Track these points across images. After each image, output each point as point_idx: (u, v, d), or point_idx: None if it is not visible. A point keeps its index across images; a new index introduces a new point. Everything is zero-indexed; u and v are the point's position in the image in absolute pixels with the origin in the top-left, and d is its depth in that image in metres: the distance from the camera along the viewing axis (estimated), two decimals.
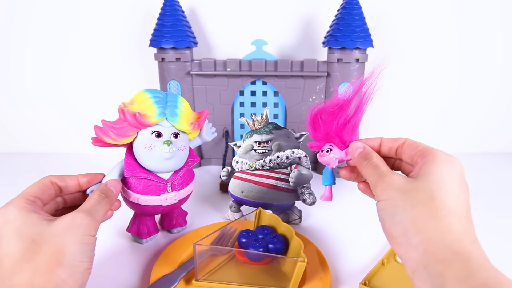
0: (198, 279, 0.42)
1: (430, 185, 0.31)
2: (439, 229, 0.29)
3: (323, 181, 0.43)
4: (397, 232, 0.31)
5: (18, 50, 0.84)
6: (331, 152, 0.41)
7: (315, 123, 0.43)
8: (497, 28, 0.80)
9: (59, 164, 0.83)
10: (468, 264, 0.27)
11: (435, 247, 0.28)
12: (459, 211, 0.30)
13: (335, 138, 0.41)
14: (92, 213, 0.38)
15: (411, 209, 0.30)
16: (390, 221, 0.32)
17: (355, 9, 0.67)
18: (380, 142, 0.39)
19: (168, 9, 0.70)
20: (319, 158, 0.42)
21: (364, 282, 0.42)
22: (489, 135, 0.89)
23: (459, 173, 0.32)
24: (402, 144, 0.37)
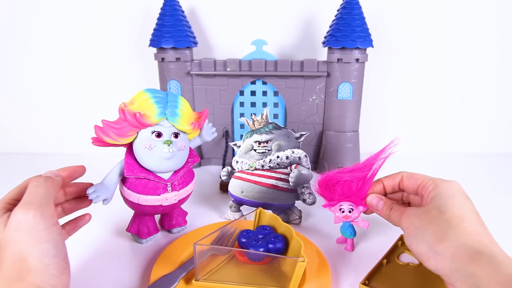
0: (198, 279, 0.42)
1: (437, 203, 0.37)
2: (457, 235, 0.33)
3: (346, 235, 0.50)
4: (424, 249, 0.35)
5: (18, 50, 0.84)
6: (354, 211, 0.47)
7: (332, 188, 0.47)
8: (498, 27, 0.80)
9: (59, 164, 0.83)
10: (494, 261, 0.30)
11: (460, 251, 0.32)
12: (469, 217, 0.35)
13: (353, 197, 0.46)
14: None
15: (428, 226, 0.35)
16: (415, 241, 0.36)
17: (355, 9, 0.67)
18: (382, 184, 0.46)
19: (168, 9, 0.70)
20: (341, 219, 0.48)
21: (364, 282, 0.42)
22: (489, 135, 0.89)
23: (459, 189, 0.38)
24: (401, 180, 0.44)
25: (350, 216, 0.47)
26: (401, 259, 0.47)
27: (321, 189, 0.48)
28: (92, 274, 0.45)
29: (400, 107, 0.87)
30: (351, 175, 0.46)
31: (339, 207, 0.48)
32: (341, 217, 0.48)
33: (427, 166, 0.80)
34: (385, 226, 0.56)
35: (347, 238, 0.51)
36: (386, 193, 0.46)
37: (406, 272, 0.45)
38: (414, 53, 0.82)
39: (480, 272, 0.30)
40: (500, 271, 0.29)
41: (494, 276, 0.29)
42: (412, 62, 0.83)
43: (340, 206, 0.47)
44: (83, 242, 0.52)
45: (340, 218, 0.48)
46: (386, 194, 0.46)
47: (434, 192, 0.38)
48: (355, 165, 0.47)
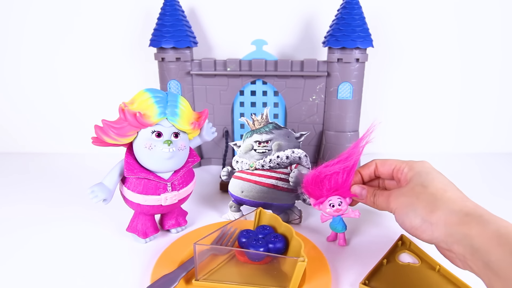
0: (198, 278, 0.42)
1: (418, 180, 0.40)
2: (445, 204, 0.36)
3: (338, 230, 0.50)
4: (418, 223, 0.37)
5: (18, 51, 0.84)
6: (343, 204, 0.48)
7: (320, 184, 0.48)
8: (498, 26, 0.80)
9: (59, 164, 0.83)
10: (481, 220, 0.33)
11: (451, 217, 0.35)
12: (450, 187, 0.38)
13: (341, 190, 0.47)
14: None
15: (417, 202, 0.38)
16: (408, 218, 0.38)
17: (355, 9, 0.67)
18: (360, 174, 0.48)
19: (168, 9, 0.70)
20: (332, 213, 0.48)
21: (364, 282, 0.42)
22: (489, 135, 0.89)
23: (431, 166, 0.42)
24: (376, 167, 0.47)
25: (341, 209, 0.48)
26: (401, 259, 0.47)
27: (309, 188, 0.48)
28: (92, 274, 0.45)
29: (400, 107, 0.87)
30: (336, 167, 0.46)
31: (328, 202, 0.48)
32: (332, 211, 0.48)
33: None
34: (380, 223, 0.56)
35: (338, 233, 0.51)
36: (364, 182, 0.49)
37: (406, 272, 0.45)
38: (414, 53, 0.82)
39: (471, 232, 0.33)
40: (488, 228, 0.32)
41: (484, 233, 0.32)
42: (412, 62, 0.83)
43: (329, 201, 0.48)
44: (83, 242, 0.52)
45: (331, 213, 0.48)
46: (364, 183, 0.49)
47: (411, 172, 0.42)
48: (339, 157, 0.48)
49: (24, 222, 0.57)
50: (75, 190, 0.68)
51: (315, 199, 0.49)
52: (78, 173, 0.77)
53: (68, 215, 0.59)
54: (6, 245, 0.51)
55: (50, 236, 0.53)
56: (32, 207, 0.62)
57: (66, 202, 0.64)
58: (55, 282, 0.44)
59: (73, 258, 0.48)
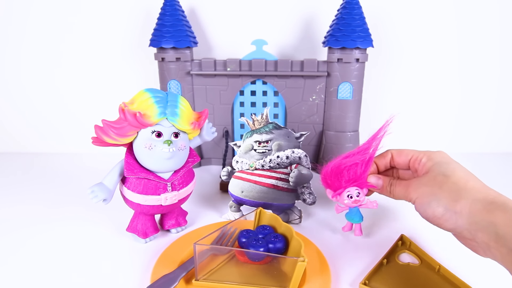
0: (198, 278, 0.42)
1: (439, 170, 0.40)
2: (469, 193, 0.37)
3: (355, 220, 0.51)
4: (441, 212, 0.38)
5: (18, 51, 0.84)
6: (361, 195, 0.48)
7: (339, 175, 0.48)
8: (498, 26, 0.80)
9: (59, 164, 0.83)
10: (506, 207, 0.34)
11: (476, 205, 0.35)
12: (471, 177, 0.39)
13: (359, 181, 0.47)
14: None
15: (439, 191, 0.38)
16: (430, 208, 0.38)
17: (355, 9, 0.67)
18: (375, 164, 0.48)
19: (168, 9, 0.70)
20: (351, 204, 0.49)
21: (364, 282, 0.42)
22: (489, 135, 0.89)
23: (449, 157, 0.42)
24: (391, 157, 0.47)
25: (359, 200, 0.48)
26: (401, 259, 0.47)
27: (329, 179, 0.49)
28: (92, 274, 0.45)
29: (400, 107, 0.87)
30: (355, 158, 0.47)
31: (346, 194, 0.48)
32: (350, 202, 0.48)
33: None
34: (380, 223, 0.56)
35: (354, 224, 0.51)
36: (379, 172, 0.49)
37: (406, 272, 0.45)
38: (414, 53, 0.82)
39: (496, 219, 0.33)
40: None
41: (509, 220, 0.33)
42: (412, 62, 0.83)
43: (347, 192, 0.48)
44: (83, 242, 0.52)
45: (350, 204, 0.49)
46: (379, 173, 0.49)
47: (430, 162, 0.42)
48: (356, 148, 0.48)
49: (24, 222, 0.57)
50: (75, 190, 0.68)
51: (333, 190, 0.49)
52: (78, 173, 0.77)
53: (68, 215, 0.59)
54: (6, 245, 0.51)
55: (50, 236, 0.53)
56: (32, 207, 0.62)
57: (66, 202, 0.64)
58: (55, 282, 0.44)
59: (73, 258, 0.48)
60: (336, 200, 0.49)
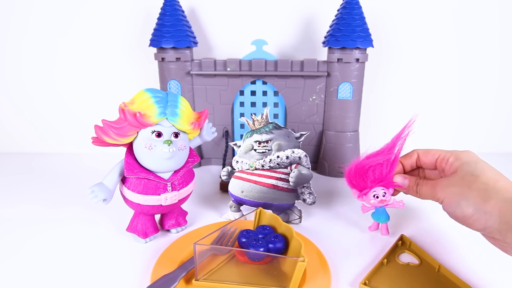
0: (198, 278, 0.42)
1: (468, 170, 0.40)
2: (499, 193, 0.36)
3: (381, 220, 0.51)
4: (470, 212, 0.37)
5: (17, 50, 0.84)
6: (387, 195, 0.48)
7: (364, 176, 0.48)
8: (498, 25, 0.80)
9: (59, 164, 0.83)
10: None
11: (506, 205, 0.35)
12: (500, 176, 0.39)
13: (385, 180, 0.47)
14: None
15: (469, 191, 0.38)
16: (459, 208, 0.38)
17: (355, 9, 0.67)
18: (401, 164, 0.48)
19: (168, 9, 0.70)
20: (377, 204, 0.49)
21: (364, 282, 0.42)
22: (489, 135, 0.89)
23: (477, 156, 0.42)
24: (417, 157, 0.47)
25: (385, 200, 0.48)
26: (401, 259, 0.47)
27: (353, 180, 0.49)
28: (92, 274, 0.45)
29: (400, 107, 0.87)
30: (380, 158, 0.47)
31: (372, 193, 0.48)
32: (376, 202, 0.48)
33: None
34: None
35: (381, 223, 0.52)
36: (405, 172, 0.49)
37: (406, 272, 0.45)
38: (414, 53, 0.82)
39: None
40: None
41: None
42: (412, 62, 0.83)
43: (373, 192, 0.48)
44: (83, 242, 0.52)
45: (376, 204, 0.49)
46: (405, 173, 0.49)
47: (457, 162, 0.42)
48: (380, 148, 0.48)
49: (24, 222, 0.57)
50: (75, 190, 0.68)
51: (358, 191, 0.49)
52: (78, 173, 0.77)
53: (68, 215, 0.59)
54: (6, 245, 0.51)
55: (50, 236, 0.53)
56: (32, 207, 0.62)
57: (66, 202, 0.64)
58: (55, 282, 0.44)
59: (73, 258, 0.48)
60: (362, 200, 0.50)
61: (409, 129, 0.48)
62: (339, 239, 0.53)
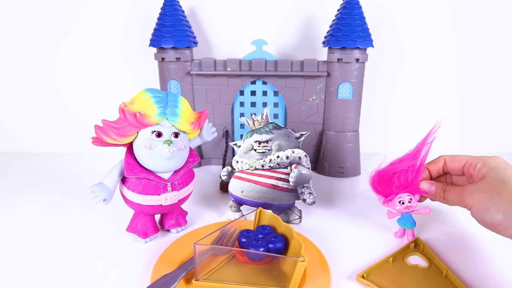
0: (198, 278, 0.42)
1: (496, 176, 0.40)
2: None
3: (407, 226, 0.50)
4: (500, 218, 0.37)
5: (17, 50, 0.84)
6: (413, 201, 0.48)
7: (389, 182, 0.48)
8: (498, 25, 0.80)
9: (59, 164, 0.83)
10: None
11: None
12: None
13: (411, 187, 0.47)
14: None
15: (498, 197, 0.38)
16: (488, 214, 0.38)
17: (355, 9, 0.67)
18: (427, 170, 0.48)
19: (168, 8, 0.70)
20: (402, 210, 0.49)
21: (362, 275, 0.42)
22: (489, 135, 0.89)
23: (506, 162, 0.42)
24: (444, 163, 0.47)
25: (412, 206, 0.48)
26: (409, 260, 0.47)
27: (378, 186, 0.49)
28: (92, 274, 0.45)
29: (400, 107, 0.87)
30: (405, 164, 0.47)
31: (397, 199, 0.48)
32: (402, 208, 0.48)
33: None
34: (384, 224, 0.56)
35: (407, 229, 0.51)
36: (431, 178, 0.49)
37: (411, 273, 0.44)
38: (414, 53, 0.82)
39: None
40: None
41: None
42: (412, 62, 0.83)
43: (399, 198, 0.48)
44: (83, 242, 0.52)
45: (401, 210, 0.48)
46: (432, 179, 0.49)
47: (485, 168, 0.41)
48: (404, 155, 0.48)
49: (24, 222, 0.57)
50: (75, 190, 0.68)
51: (384, 196, 0.49)
52: (78, 173, 0.77)
53: (68, 215, 0.59)
54: (6, 245, 0.51)
55: (50, 236, 0.53)
56: (32, 207, 0.62)
57: (66, 202, 0.64)
58: (55, 282, 0.44)
59: (73, 258, 0.48)
60: (387, 206, 0.49)
61: (434, 135, 0.48)
62: (339, 239, 0.53)
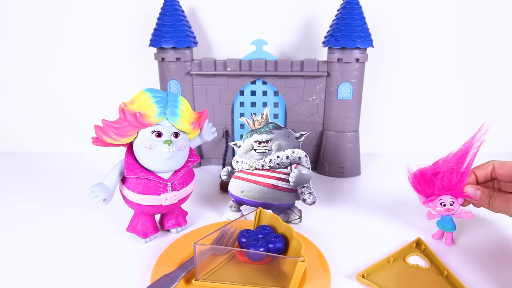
0: (198, 278, 0.42)
1: None
2: None
3: (447, 229, 0.49)
4: None
5: (17, 50, 0.84)
6: (455, 204, 0.47)
7: (430, 182, 0.47)
8: (498, 25, 0.80)
9: (59, 164, 0.83)
10: None
11: None
12: None
13: (454, 190, 0.46)
14: None
15: None
16: None
17: (355, 9, 0.67)
18: (474, 175, 0.47)
19: (168, 9, 0.70)
20: (443, 212, 0.48)
21: (362, 275, 0.42)
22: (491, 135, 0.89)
23: None
24: (493, 169, 0.46)
25: (453, 209, 0.47)
26: (410, 260, 0.47)
27: (418, 185, 0.48)
28: (92, 274, 0.45)
29: (400, 107, 0.87)
30: (450, 165, 0.46)
31: (439, 201, 0.47)
32: (443, 211, 0.48)
33: None
34: (386, 226, 0.56)
35: (446, 232, 0.50)
36: (477, 183, 0.48)
37: (411, 273, 0.44)
38: (414, 53, 0.82)
39: None
40: None
41: None
42: (412, 62, 0.83)
43: (440, 200, 0.47)
44: (83, 242, 0.52)
45: (442, 212, 0.48)
46: (478, 184, 0.48)
47: None
48: (448, 156, 0.47)
49: (24, 222, 0.57)
50: (75, 190, 0.68)
51: (425, 196, 0.48)
52: (78, 173, 0.77)
53: (68, 215, 0.59)
54: (6, 245, 0.51)
55: (50, 236, 0.53)
56: (32, 207, 0.62)
57: (66, 202, 0.64)
58: (55, 282, 0.44)
59: (73, 258, 0.48)
60: (427, 206, 0.49)
61: (482, 138, 0.47)
62: (339, 239, 0.53)
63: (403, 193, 0.65)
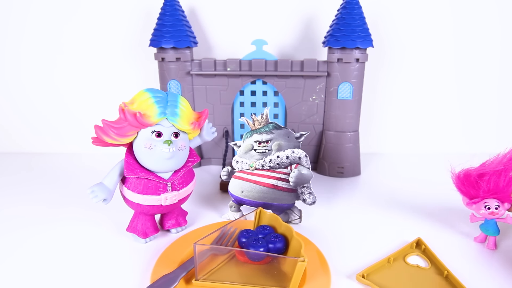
0: (198, 278, 0.42)
1: None
2: None
3: (490, 233, 0.48)
4: None
5: (17, 50, 0.84)
6: (500, 208, 0.46)
7: (475, 184, 0.46)
8: (498, 25, 0.80)
9: (59, 164, 0.83)
10: None
11: None
12: None
13: (500, 194, 0.46)
14: None
15: None
16: None
17: (355, 9, 0.67)
18: None
19: (168, 9, 0.70)
20: (487, 215, 0.47)
21: (362, 275, 0.42)
22: (489, 135, 0.89)
23: None
24: None
25: (497, 213, 0.46)
26: (410, 260, 0.47)
27: (462, 186, 0.48)
28: (92, 274, 0.45)
29: (400, 107, 0.87)
30: (496, 169, 0.45)
31: (483, 204, 0.47)
32: (487, 214, 0.47)
33: (427, 166, 0.80)
34: (387, 226, 0.56)
35: (489, 236, 0.49)
36: None
37: (411, 273, 0.44)
38: (414, 53, 0.82)
39: None
40: None
41: None
42: (412, 62, 0.83)
43: (485, 203, 0.47)
44: (83, 242, 0.52)
45: (486, 215, 0.47)
46: None
47: None
48: (496, 158, 0.47)
49: (24, 222, 0.57)
50: (75, 190, 0.68)
51: (468, 198, 0.48)
52: (78, 173, 0.77)
53: (68, 215, 0.59)
54: (6, 245, 0.51)
55: (50, 236, 0.53)
56: (31, 207, 0.62)
57: (66, 202, 0.64)
58: (55, 282, 0.44)
59: (73, 258, 0.48)
60: (471, 208, 0.48)
61: None
62: (339, 239, 0.53)
63: (403, 193, 0.65)
